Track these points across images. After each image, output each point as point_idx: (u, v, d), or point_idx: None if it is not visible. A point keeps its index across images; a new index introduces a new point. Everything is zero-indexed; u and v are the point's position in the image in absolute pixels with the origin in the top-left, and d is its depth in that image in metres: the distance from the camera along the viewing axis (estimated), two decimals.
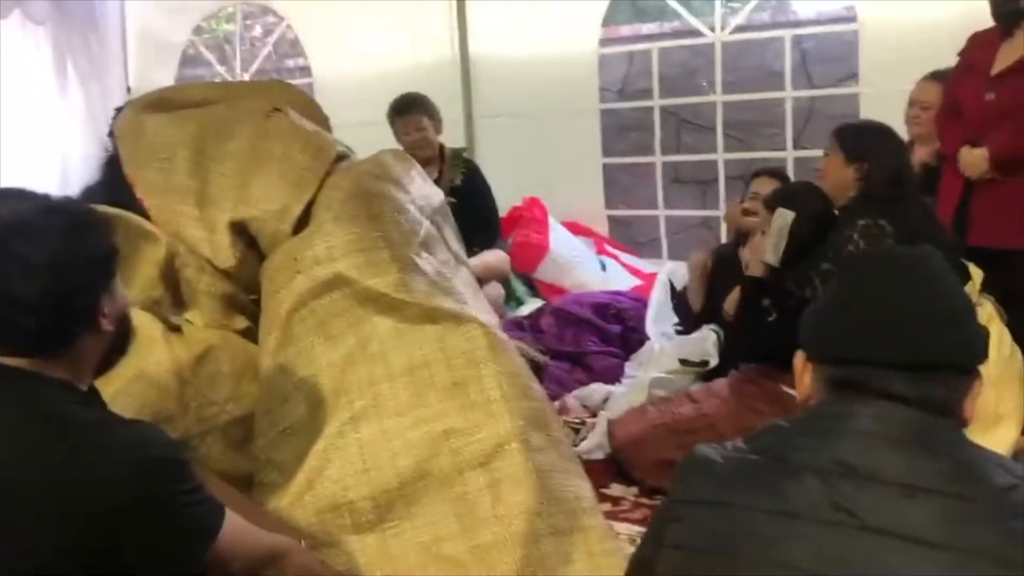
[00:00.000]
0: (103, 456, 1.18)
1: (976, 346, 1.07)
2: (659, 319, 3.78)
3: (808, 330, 1.14)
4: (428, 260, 1.93)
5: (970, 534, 0.94)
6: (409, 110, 3.87)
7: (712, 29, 4.49)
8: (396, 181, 2.02)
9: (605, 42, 4.74)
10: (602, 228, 4.91)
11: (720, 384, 2.97)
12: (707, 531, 1.07)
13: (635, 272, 4.57)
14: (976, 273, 2.60)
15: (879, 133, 2.80)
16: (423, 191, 2.12)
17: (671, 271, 4.24)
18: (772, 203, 2.76)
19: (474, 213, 3.54)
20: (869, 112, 4.07)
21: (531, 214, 4.61)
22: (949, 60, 3.49)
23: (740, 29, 4.48)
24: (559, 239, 4.56)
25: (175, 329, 1.90)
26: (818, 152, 4.42)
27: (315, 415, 1.81)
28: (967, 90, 3.25)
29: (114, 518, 1.16)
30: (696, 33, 4.57)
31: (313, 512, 1.75)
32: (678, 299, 3.76)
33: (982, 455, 1.03)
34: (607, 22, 4.74)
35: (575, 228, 4.79)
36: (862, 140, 2.75)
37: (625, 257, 4.75)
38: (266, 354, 1.86)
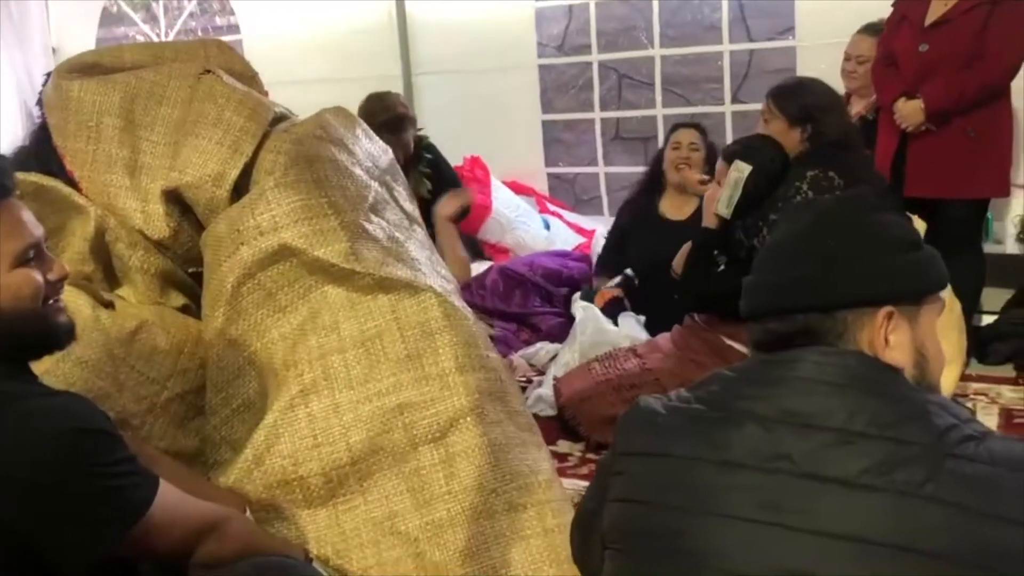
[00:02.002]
0: (26, 426, 1.15)
1: (881, 277, 1.07)
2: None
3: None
4: (379, 225, 1.87)
5: (905, 476, 0.93)
6: (401, 128, 3.46)
7: None
8: (340, 142, 1.95)
9: None
10: (543, 186, 4.89)
11: (663, 339, 3.00)
12: (650, 483, 1.06)
13: (579, 230, 4.56)
14: (920, 224, 2.64)
15: (818, 93, 2.80)
16: (369, 151, 2.04)
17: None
18: (729, 155, 2.76)
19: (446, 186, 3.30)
20: (806, 65, 4.09)
21: (473, 174, 4.55)
22: (882, 12, 3.52)
23: None
24: (502, 199, 4.52)
25: (107, 305, 1.82)
26: (757, 105, 4.49)
27: (267, 390, 1.76)
28: (901, 42, 3.28)
29: (36, 490, 1.13)
30: None
31: (263, 487, 1.70)
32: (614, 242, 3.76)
33: (922, 397, 1.02)
34: None
35: (516, 187, 4.75)
36: (803, 103, 2.75)
37: (568, 215, 4.74)
38: (213, 330, 1.79)
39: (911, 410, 0.98)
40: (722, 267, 2.77)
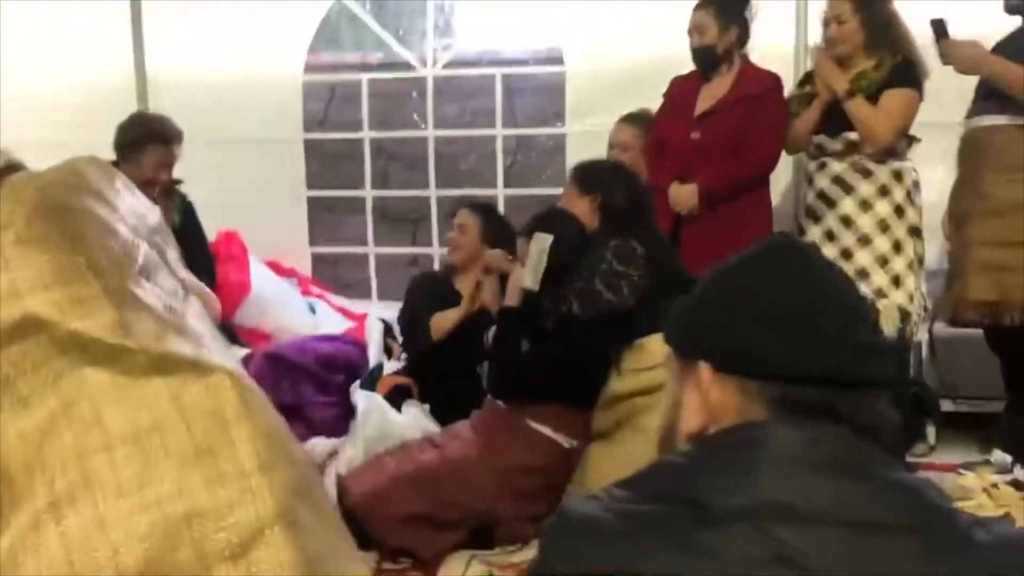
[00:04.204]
0: None
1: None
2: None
3: (726, 337, 0.93)
4: (152, 291, 1.52)
5: (937, 570, 0.79)
6: (175, 138, 3.34)
7: (424, 63, 4.37)
8: (98, 194, 1.58)
9: (310, 68, 4.45)
10: (305, 267, 4.58)
11: (461, 426, 2.82)
12: None
13: (347, 314, 4.28)
14: None
15: (608, 167, 2.99)
16: (134, 207, 1.68)
17: (380, 313, 4.07)
18: (528, 229, 2.71)
19: (195, 255, 3.11)
20: (573, 151, 4.16)
21: (228, 251, 4.16)
22: (645, 100, 3.66)
23: (451, 64, 4.40)
24: (261, 278, 4.15)
25: None
26: (526, 191, 4.50)
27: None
28: (673, 129, 3.44)
29: None
30: (406, 66, 4.41)
31: None
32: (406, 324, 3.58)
33: (912, 478, 0.88)
34: (312, 47, 4.45)
35: (276, 268, 4.41)
36: (593, 174, 2.87)
37: (333, 298, 4.45)
38: None
39: (913, 495, 0.85)
40: (525, 348, 2.66)
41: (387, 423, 3.02)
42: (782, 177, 3.73)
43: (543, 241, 2.63)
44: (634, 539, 0.82)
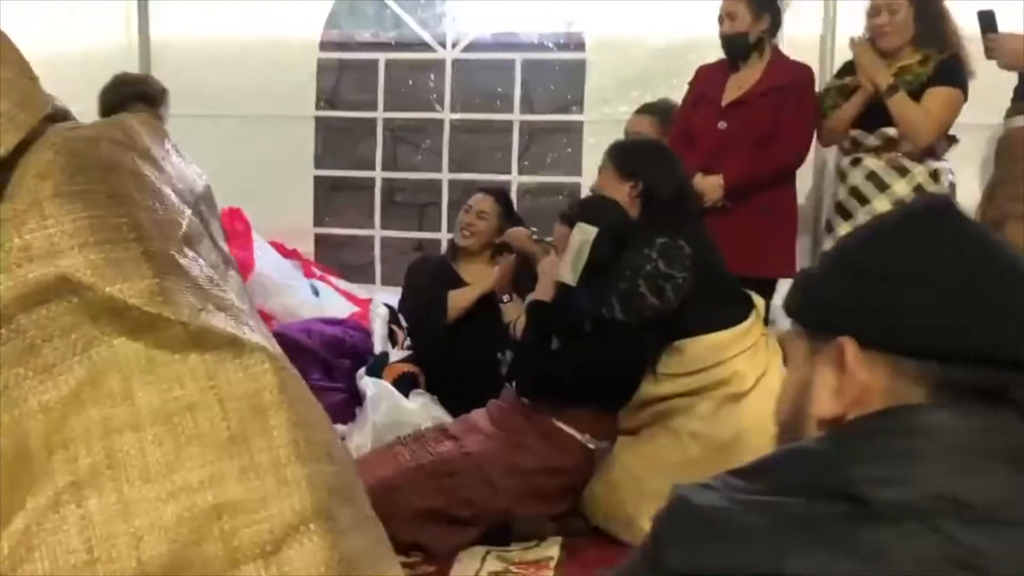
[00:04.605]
0: None
1: None
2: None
3: (878, 307, 0.79)
4: (195, 261, 1.40)
5: None
6: (159, 98, 3.28)
7: (442, 44, 4.26)
8: (146, 153, 1.47)
9: (326, 45, 4.32)
10: (308, 248, 4.46)
11: (480, 416, 2.67)
12: None
13: (351, 298, 4.17)
14: (759, 303, 2.55)
15: (653, 151, 2.74)
16: (182, 171, 1.57)
17: (385, 299, 3.97)
18: (570, 217, 2.52)
19: None
20: (591, 139, 4.07)
21: (232, 227, 4.03)
22: (667, 90, 3.57)
23: (471, 48, 4.28)
24: (266, 258, 4.04)
25: None
26: (540, 178, 4.39)
27: (15, 481, 1.23)
28: (699, 120, 3.34)
29: None
30: (425, 47, 4.29)
31: None
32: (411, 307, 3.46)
33: None
34: (329, 24, 4.33)
35: (279, 249, 4.29)
36: (636, 157, 2.66)
37: (337, 282, 4.34)
38: None
39: None
40: (555, 345, 2.52)
41: (398, 410, 2.92)
42: (804, 174, 3.65)
43: (587, 233, 2.42)
44: (779, 536, 0.71)
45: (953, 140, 3.15)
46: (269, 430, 1.31)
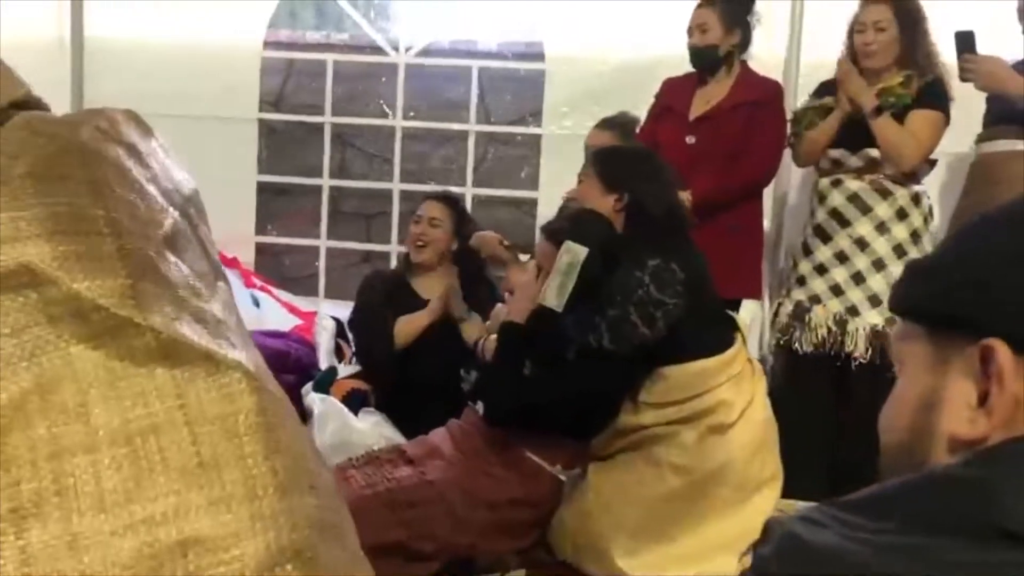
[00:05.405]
0: None
1: None
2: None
3: None
4: (176, 266, 1.22)
5: None
6: None
7: (396, 48, 4.10)
8: (131, 147, 1.27)
9: (270, 44, 4.13)
10: (248, 257, 4.24)
11: (440, 438, 2.46)
12: None
13: (293, 310, 3.97)
14: (744, 325, 2.44)
15: (642, 160, 2.55)
16: (169, 171, 1.38)
17: (330, 312, 3.80)
18: (556, 234, 2.31)
19: None
20: (550, 153, 3.97)
21: None
22: (628, 104, 3.48)
23: (426, 53, 4.14)
24: None
25: None
26: (495, 191, 4.26)
27: None
28: (666, 133, 3.26)
29: None
30: (378, 50, 4.13)
31: None
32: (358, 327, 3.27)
33: None
34: (272, 23, 4.14)
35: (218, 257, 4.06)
36: (623, 167, 2.43)
37: (279, 293, 4.13)
38: None
39: None
40: (529, 371, 2.31)
41: (347, 429, 2.74)
42: (793, 195, 3.62)
43: (577, 253, 2.19)
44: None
45: (932, 164, 3.13)
46: (244, 457, 1.13)
